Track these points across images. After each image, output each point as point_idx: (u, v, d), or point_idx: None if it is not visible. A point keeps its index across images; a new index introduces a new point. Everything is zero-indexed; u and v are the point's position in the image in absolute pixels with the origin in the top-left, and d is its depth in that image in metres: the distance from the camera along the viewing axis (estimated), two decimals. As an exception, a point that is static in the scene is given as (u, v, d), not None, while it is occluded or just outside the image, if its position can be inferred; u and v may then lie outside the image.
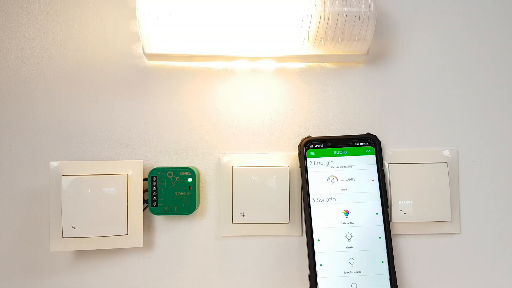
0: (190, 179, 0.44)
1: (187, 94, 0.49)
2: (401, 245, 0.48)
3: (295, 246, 0.48)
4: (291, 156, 0.48)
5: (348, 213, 0.44)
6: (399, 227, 0.47)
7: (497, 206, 0.48)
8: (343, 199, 0.45)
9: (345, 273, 0.43)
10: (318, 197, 0.45)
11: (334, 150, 0.46)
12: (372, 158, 0.46)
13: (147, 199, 0.45)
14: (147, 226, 0.48)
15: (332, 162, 0.46)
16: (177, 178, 0.44)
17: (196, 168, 0.47)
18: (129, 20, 0.49)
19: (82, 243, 0.44)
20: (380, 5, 0.49)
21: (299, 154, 0.47)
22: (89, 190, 0.43)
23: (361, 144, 0.46)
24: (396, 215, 0.46)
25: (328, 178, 0.45)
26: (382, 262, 0.44)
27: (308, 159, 0.46)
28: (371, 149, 0.46)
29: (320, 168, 0.45)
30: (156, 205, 0.44)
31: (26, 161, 0.48)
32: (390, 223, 0.46)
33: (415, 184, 0.46)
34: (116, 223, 0.44)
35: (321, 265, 0.43)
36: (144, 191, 0.45)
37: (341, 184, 0.45)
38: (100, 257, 0.47)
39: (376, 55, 0.50)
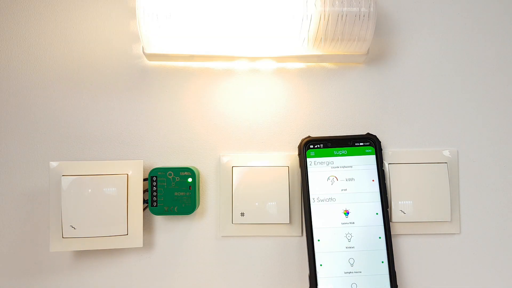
0: (190, 179, 0.44)
1: (187, 94, 0.49)
2: (401, 245, 0.48)
3: (295, 246, 0.48)
4: (291, 156, 0.48)
5: (348, 213, 0.44)
6: (399, 227, 0.47)
7: (497, 206, 0.48)
8: (343, 199, 0.45)
9: (345, 273, 0.43)
10: (318, 197, 0.45)
11: (334, 150, 0.46)
12: (372, 158, 0.46)
13: (147, 199, 0.45)
14: (147, 226, 0.48)
15: (332, 162, 0.46)
16: (177, 178, 0.44)
17: (196, 168, 0.47)
18: (129, 20, 0.49)
19: (82, 243, 0.44)
20: (380, 5, 0.50)
21: (299, 154, 0.47)
22: (89, 190, 0.43)
23: (361, 144, 0.46)
24: (396, 215, 0.46)
25: (328, 178, 0.45)
26: (382, 262, 0.44)
27: (308, 159, 0.46)
28: (371, 149, 0.46)
29: (320, 168, 0.45)
30: (156, 205, 0.44)
31: (26, 161, 0.48)
32: (390, 223, 0.46)
33: (415, 184, 0.46)
34: (116, 223, 0.44)
35: (321, 265, 0.43)
36: (144, 191, 0.45)
37: (341, 184, 0.45)
38: (100, 257, 0.47)
39: (376, 55, 0.50)
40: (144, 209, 0.45)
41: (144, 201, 0.45)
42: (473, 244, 0.48)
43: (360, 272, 0.43)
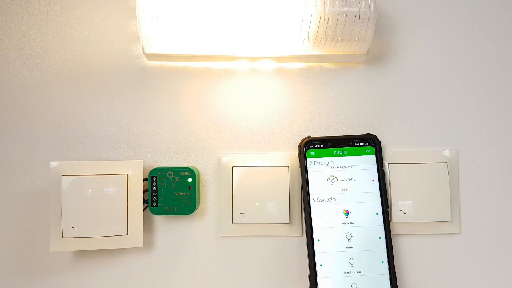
0: (190, 179, 0.44)
1: (187, 94, 0.49)
2: (401, 245, 0.48)
3: (295, 246, 0.48)
4: (291, 156, 0.48)
5: (348, 213, 0.44)
6: (399, 227, 0.47)
7: (497, 206, 0.48)
8: (343, 199, 0.45)
9: (345, 273, 0.43)
10: (318, 197, 0.45)
11: (334, 150, 0.46)
12: (372, 158, 0.46)
13: (147, 199, 0.45)
14: (147, 226, 0.48)
15: (332, 162, 0.46)
16: (177, 178, 0.44)
17: (196, 168, 0.47)
18: (129, 20, 0.49)
19: (82, 243, 0.44)
20: (380, 5, 0.50)
21: (299, 154, 0.47)
22: (89, 190, 0.43)
23: (361, 144, 0.46)
24: (396, 215, 0.46)
25: (328, 178, 0.45)
26: (382, 262, 0.44)
27: (308, 159, 0.46)
28: (371, 149, 0.46)
29: (320, 168, 0.45)
30: (156, 205, 0.44)
31: (26, 161, 0.48)
32: (390, 223, 0.46)
33: (415, 184, 0.46)
34: (116, 223, 0.44)
35: (321, 265, 0.43)
36: (144, 191, 0.45)
37: (341, 184, 0.45)
38: (100, 257, 0.47)
39: (376, 55, 0.50)
40: (144, 209, 0.45)
41: (144, 201, 0.45)
42: (473, 244, 0.48)
43: (360, 272, 0.43)
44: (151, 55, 0.46)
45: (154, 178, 0.44)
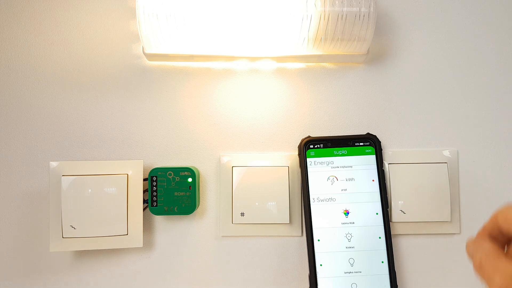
0: (190, 179, 0.44)
1: (187, 94, 0.49)
2: (401, 245, 0.48)
3: (295, 246, 0.48)
4: (291, 156, 0.48)
5: (348, 213, 0.44)
6: (399, 227, 0.47)
7: (497, 206, 0.48)
8: (343, 199, 0.45)
9: (345, 273, 0.43)
10: (318, 197, 0.45)
11: (334, 150, 0.46)
12: (372, 158, 0.46)
13: (147, 199, 0.45)
14: (147, 226, 0.48)
15: (332, 162, 0.46)
16: (177, 178, 0.44)
17: (196, 168, 0.47)
18: (129, 20, 0.49)
19: (82, 243, 0.44)
20: (380, 5, 0.50)
21: (299, 154, 0.47)
22: (89, 190, 0.43)
23: (361, 144, 0.46)
24: (396, 215, 0.46)
25: (328, 178, 0.45)
26: (382, 262, 0.44)
27: (308, 159, 0.46)
28: (371, 149, 0.46)
29: (320, 168, 0.45)
30: (156, 205, 0.44)
31: (26, 161, 0.48)
32: (390, 223, 0.46)
33: (415, 184, 0.46)
34: (116, 223, 0.44)
35: (321, 265, 0.43)
36: (144, 191, 0.45)
37: (341, 184, 0.45)
38: (100, 257, 0.47)
39: (376, 55, 0.50)
40: (144, 209, 0.45)
41: (144, 201, 0.45)
42: (473, 244, 0.48)
43: (360, 272, 0.43)
44: (151, 55, 0.46)
45: (154, 178, 0.44)
